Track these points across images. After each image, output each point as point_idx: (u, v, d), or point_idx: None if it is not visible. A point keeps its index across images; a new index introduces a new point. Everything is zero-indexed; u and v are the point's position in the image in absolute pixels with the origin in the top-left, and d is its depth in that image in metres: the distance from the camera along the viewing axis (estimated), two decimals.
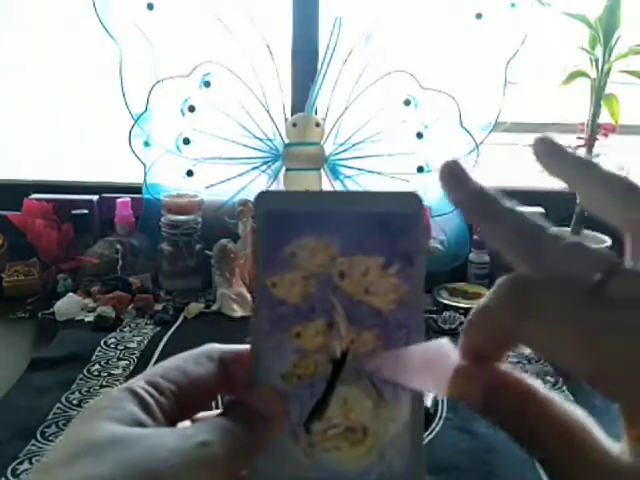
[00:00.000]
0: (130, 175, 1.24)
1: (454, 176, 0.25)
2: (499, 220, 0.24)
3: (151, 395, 0.24)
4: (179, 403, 0.25)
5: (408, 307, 0.26)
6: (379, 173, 1.18)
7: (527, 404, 0.22)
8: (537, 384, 0.23)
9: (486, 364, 0.23)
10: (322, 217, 0.26)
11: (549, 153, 0.25)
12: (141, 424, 0.23)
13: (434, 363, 0.25)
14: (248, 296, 1.08)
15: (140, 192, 1.20)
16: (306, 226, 0.26)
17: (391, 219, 0.26)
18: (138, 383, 0.25)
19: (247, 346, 0.27)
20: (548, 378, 0.85)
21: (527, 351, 0.89)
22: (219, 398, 0.29)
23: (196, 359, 0.27)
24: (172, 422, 0.25)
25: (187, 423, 0.27)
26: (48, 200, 1.20)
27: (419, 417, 0.26)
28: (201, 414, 0.27)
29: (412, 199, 0.26)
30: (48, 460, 0.22)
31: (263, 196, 0.27)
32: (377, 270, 0.26)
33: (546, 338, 0.21)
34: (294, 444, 0.26)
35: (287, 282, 0.27)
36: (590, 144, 1.04)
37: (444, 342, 0.25)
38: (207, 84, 1.15)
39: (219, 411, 0.26)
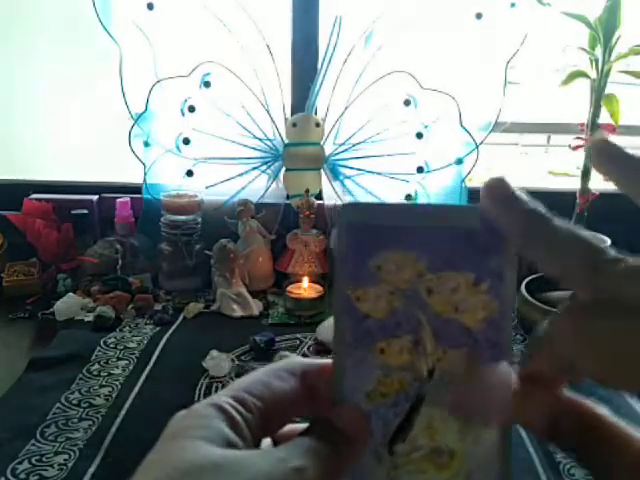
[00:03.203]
0: (130, 175, 1.24)
1: (500, 195, 0.23)
2: (552, 244, 0.22)
3: (238, 412, 0.23)
4: (263, 420, 0.24)
5: (498, 325, 0.25)
6: (379, 173, 1.18)
7: (594, 428, 0.22)
8: (601, 408, 0.22)
9: (547, 389, 0.23)
10: (409, 231, 0.25)
11: (609, 157, 0.23)
12: (231, 444, 0.22)
13: (493, 389, 0.24)
14: (248, 296, 1.08)
15: (140, 192, 1.20)
16: (393, 240, 0.25)
17: (481, 233, 0.25)
18: (224, 399, 0.24)
19: (329, 361, 0.26)
20: None
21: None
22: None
23: (277, 374, 0.26)
24: (257, 439, 0.24)
25: (268, 441, 0.26)
26: (48, 200, 1.20)
27: (507, 439, 0.25)
28: (286, 428, 0.26)
29: None
30: None
31: (348, 207, 0.26)
32: (467, 287, 0.25)
33: (610, 370, 0.20)
34: (377, 466, 0.25)
35: (372, 296, 0.25)
36: None
37: (503, 367, 0.24)
38: (207, 84, 1.15)
39: (303, 426, 0.25)
